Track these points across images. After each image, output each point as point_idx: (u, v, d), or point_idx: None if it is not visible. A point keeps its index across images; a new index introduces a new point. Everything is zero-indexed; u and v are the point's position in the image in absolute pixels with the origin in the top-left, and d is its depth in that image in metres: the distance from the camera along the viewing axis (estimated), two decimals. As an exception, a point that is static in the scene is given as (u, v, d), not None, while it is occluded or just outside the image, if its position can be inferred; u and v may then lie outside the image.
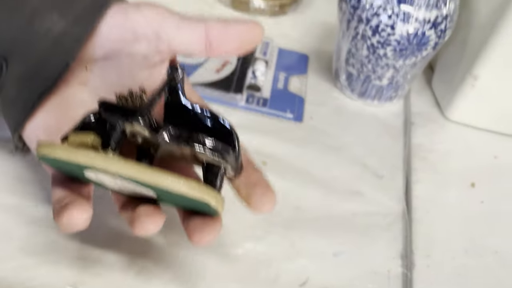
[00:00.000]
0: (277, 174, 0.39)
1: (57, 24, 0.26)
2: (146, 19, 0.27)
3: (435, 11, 0.41)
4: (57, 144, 0.24)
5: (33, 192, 0.34)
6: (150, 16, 0.27)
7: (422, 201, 0.40)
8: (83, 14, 0.27)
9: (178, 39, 0.28)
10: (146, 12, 0.27)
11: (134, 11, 0.27)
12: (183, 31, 0.28)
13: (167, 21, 0.27)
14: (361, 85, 0.48)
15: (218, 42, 0.28)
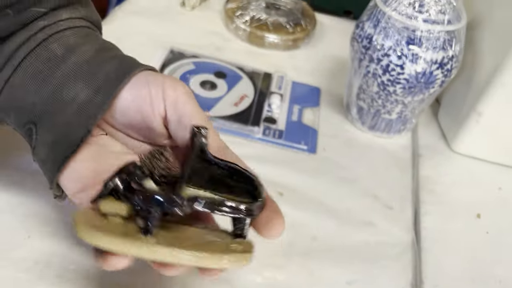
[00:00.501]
0: (293, 204, 0.42)
1: (81, 92, 0.28)
2: (165, 101, 0.29)
3: (442, 52, 0.44)
4: (97, 231, 0.25)
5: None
6: (170, 99, 0.29)
7: (430, 231, 0.42)
8: (106, 83, 0.28)
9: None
10: (168, 92, 0.29)
11: (155, 83, 0.29)
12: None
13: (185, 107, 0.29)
14: (371, 119, 0.50)
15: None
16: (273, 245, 0.39)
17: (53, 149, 0.28)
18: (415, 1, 0.43)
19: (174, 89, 0.29)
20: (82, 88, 0.28)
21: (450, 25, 0.43)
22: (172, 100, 0.29)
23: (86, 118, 0.28)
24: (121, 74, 0.29)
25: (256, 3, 0.63)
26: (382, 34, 0.44)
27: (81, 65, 0.29)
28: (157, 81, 0.29)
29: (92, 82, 0.28)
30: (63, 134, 0.28)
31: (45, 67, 0.28)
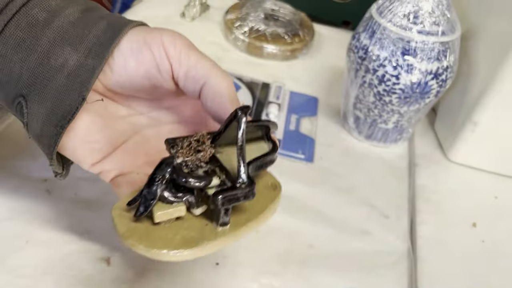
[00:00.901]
0: (290, 213, 0.42)
1: (70, 58, 0.26)
2: (170, 60, 0.28)
3: (437, 63, 0.44)
4: (182, 248, 0.25)
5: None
6: (174, 57, 0.28)
7: (426, 240, 0.42)
8: (96, 45, 0.27)
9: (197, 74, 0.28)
10: (170, 51, 0.28)
11: (154, 42, 0.28)
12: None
13: (190, 56, 0.28)
14: (368, 128, 0.51)
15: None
16: (270, 252, 0.39)
17: (47, 122, 0.27)
18: (409, 12, 0.43)
19: (174, 46, 0.28)
20: (71, 52, 0.26)
21: (444, 36, 0.44)
22: (176, 58, 0.28)
23: (78, 84, 0.26)
24: (111, 35, 0.27)
25: (255, 14, 0.64)
26: (378, 45, 0.45)
27: (66, 29, 0.27)
28: (155, 40, 0.28)
29: (81, 46, 0.27)
30: (56, 105, 0.26)
31: (28, 35, 0.26)
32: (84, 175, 0.41)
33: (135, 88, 0.29)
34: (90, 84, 0.26)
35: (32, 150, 0.43)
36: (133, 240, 0.25)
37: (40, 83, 0.26)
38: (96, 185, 0.41)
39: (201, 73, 0.28)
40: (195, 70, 0.28)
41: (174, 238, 0.25)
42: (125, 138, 0.31)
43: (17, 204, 0.38)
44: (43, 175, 0.41)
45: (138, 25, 0.29)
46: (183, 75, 0.28)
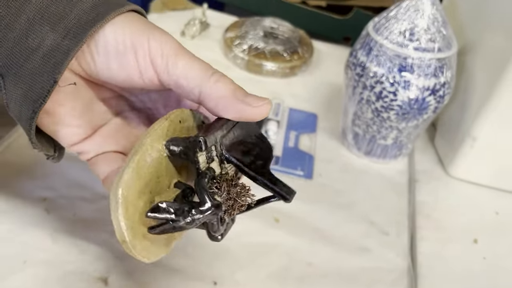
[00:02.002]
0: (289, 230, 0.42)
1: (47, 37, 0.25)
2: (156, 69, 0.26)
3: (434, 79, 0.45)
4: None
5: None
6: (160, 66, 0.26)
7: (426, 257, 0.42)
8: (75, 26, 0.25)
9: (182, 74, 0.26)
10: (156, 60, 0.26)
11: (140, 47, 0.26)
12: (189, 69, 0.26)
13: (178, 58, 0.26)
14: (367, 144, 0.51)
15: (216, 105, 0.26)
16: (268, 270, 0.39)
17: (24, 104, 0.26)
18: (405, 30, 0.44)
19: (161, 54, 0.26)
20: (48, 32, 0.25)
21: (441, 53, 0.44)
22: (163, 68, 0.26)
23: (52, 66, 0.25)
24: (93, 17, 0.25)
25: (254, 32, 0.65)
26: (375, 61, 0.45)
27: (47, 6, 0.25)
28: (142, 45, 0.26)
29: (60, 25, 0.25)
30: (30, 87, 0.25)
31: (7, 12, 0.25)
32: (83, 195, 0.42)
33: (117, 85, 0.29)
34: (63, 66, 0.25)
35: (31, 170, 0.43)
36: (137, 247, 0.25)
37: (17, 63, 0.25)
38: (95, 205, 0.41)
39: (193, 83, 0.26)
40: (185, 80, 0.26)
41: (160, 243, 0.26)
42: (106, 120, 0.31)
43: (16, 224, 0.38)
44: (42, 195, 0.41)
45: (127, 11, 0.27)
46: (173, 84, 0.26)
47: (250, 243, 0.41)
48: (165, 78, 0.26)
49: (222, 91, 0.26)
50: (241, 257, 0.39)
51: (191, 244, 0.39)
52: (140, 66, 0.26)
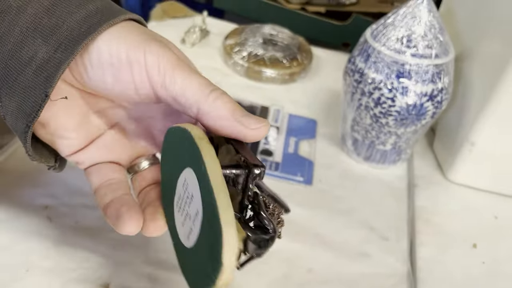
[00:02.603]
0: (289, 237, 0.43)
1: (40, 50, 0.24)
2: (153, 86, 0.25)
3: (431, 85, 0.45)
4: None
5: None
6: (157, 82, 0.25)
7: (426, 262, 0.42)
8: (67, 39, 0.24)
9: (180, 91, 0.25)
10: (153, 76, 0.25)
11: (136, 62, 0.25)
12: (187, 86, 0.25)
13: (174, 72, 0.25)
14: (366, 150, 0.51)
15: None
16: (269, 277, 0.39)
17: (18, 118, 0.26)
18: (403, 36, 0.44)
19: (158, 69, 0.25)
20: (41, 44, 0.24)
21: (438, 59, 0.44)
22: (161, 83, 0.25)
23: (44, 80, 0.24)
24: (86, 29, 0.24)
25: (254, 39, 0.65)
26: (373, 68, 0.46)
27: (40, 17, 0.24)
28: (138, 59, 0.25)
29: (53, 37, 0.24)
30: (23, 101, 0.25)
31: (1, 24, 0.24)
32: (85, 202, 0.42)
33: (112, 98, 0.28)
34: (55, 80, 0.24)
35: (33, 178, 0.44)
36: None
37: (11, 76, 0.25)
38: (97, 213, 0.41)
39: (191, 100, 0.25)
40: (184, 98, 0.25)
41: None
42: (102, 131, 0.31)
43: (18, 232, 0.39)
44: (44, 202, 0.41)
45: (121, 21, 0.26)
46: (171, 100, 0.26)
47: (251, 249, 0.41)
48: (163, 94, 0.26)
49: (220, 111, 0.25)
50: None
51: (192, 251, 0.40)
52: (135, 82, 0.25)
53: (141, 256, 0.39)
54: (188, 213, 0.24)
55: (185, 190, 0.24)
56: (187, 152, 0.24)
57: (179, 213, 0.26)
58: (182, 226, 0.25)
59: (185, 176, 0.24)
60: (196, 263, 0.24)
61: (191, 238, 0.24)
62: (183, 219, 0.25)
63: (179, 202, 0.26)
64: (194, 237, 0.24)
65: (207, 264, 0.22)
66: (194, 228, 0.24)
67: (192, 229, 0.24)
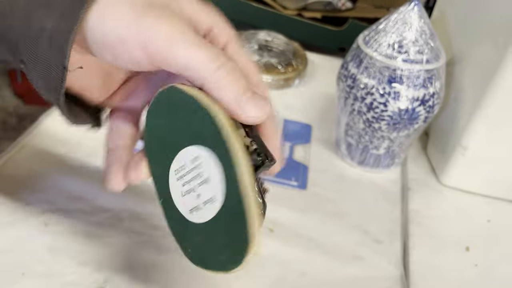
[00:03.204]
0: (283, 241, 0.43)
1: (46, 21, 0.24)
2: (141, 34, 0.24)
3: (423, 90, 0.45)
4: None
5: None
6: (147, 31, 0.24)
7: (419, 265, 0.42)
8: (68, 7, 0.24)
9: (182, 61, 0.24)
10: (142, 36, 0.24)
11: (128, 30, 0.24)
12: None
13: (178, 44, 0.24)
14: (360, 154, 0.52)
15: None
16: (262, 281, 0.39)
17: (47, 90, 0.26)
18: (394, 42, 0.45)
19: (155, 48, 0.24)
20: (46, 15, 0.24)
21: (429, 64, 0.45)
22: (160, 61, 0.24)
23: (57, 51, 0.24)
24: None
25: (249, 45, 0.66)
26: (365, 73, 0.46)
27: None
28: (132, 36, 0.24)
29: (53, 7, 0.24)
30: (46, 76, 0.25)
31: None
32: (82, 207, 0.43)
33: (120, 65, 0.27)
34: (67, 51, 0.24)
35: (31, 183, 0.44)
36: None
37: (32, 50, 0.25)
38: (93, 218, 0.42)
39: (195, 76, 0.24)
40: (187, 72, 0.24)
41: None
42: (121, 83, 0.32)
43: (14, 237, 0.39)
44: (41, 208, 0.42)
45: None
46: (176, 71, 0.25)
47: (245, 253, 0.41)
48: (167, 68, 0.25)
49: (224, 91, 0.24)
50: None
51: (187, 255, 0.40)
52: (135, 58, 0.25)
53: (137, 261, 0.39)
54: (196, 191, 0.25)
55: (195, 167, 0.25)
56: (205, 129, 0.24)
57: (179, 182, 0.26)
58: (181, 196, 0.26)
59: (198, 153, 0.24)
60: (205, 239, 0.25)
61: (196, 216, 0.25)
62: (184, 191, 0.26)
63: (181, 172, 0.26)
64: (201, 217, 0.25)
65: (223, 248, 0.24)
66: (204, 210, 0.25)
67: (199, 209, 0.25)
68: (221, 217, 0.24)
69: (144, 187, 0.45)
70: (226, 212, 0.24)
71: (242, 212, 0.22)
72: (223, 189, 0.23)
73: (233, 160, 0.22)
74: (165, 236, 0.41)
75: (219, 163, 0.23)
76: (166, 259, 0.40)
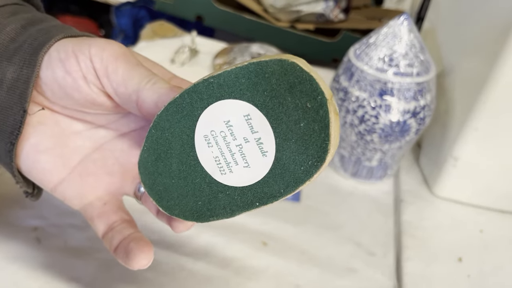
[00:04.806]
0: (277, 254, 0.43)
1: (8, 71, 0.26)
2: (98, 74, 0.26)
3: (414, 102, 0.46)
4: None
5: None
6: (100, 70, 0.25)
7: (412, 277, 0.43)
8: (28, 54, 0.26)
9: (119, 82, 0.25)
10: (96, 64, 0.25)
11: (81, 53, 0.25)
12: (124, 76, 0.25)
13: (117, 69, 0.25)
14: (352, 166, 0.52)
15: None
16: (256, 295, 0.39)
17: (1, 139, 0.26)
18: (384, 56, 0.45)
19: (101, 58, 0.25)
20: (7, 66, 0.26)
21: (419, 77, 0.45)
22: (103, 72, 0.25)
23: (18, 97, 0.25)
24: (41, 41, 0.26)
25: (242, 58, 0.66)
26: (356, 86, 0.47)
27: (6, 46, 0.26)
28: (83, 50, 0.26)
29: (16, 57, 0.26)
30: (3, 121, 0.26)
31: None
32: (74, 223, 0.43)
33: (71, 100, 0.27)
34: (28, 95, 0.25)
35: (22, 199, 0.44)
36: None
37: None
38: (86, 233, 0.42)
39: (130, 89, 0.25)
40: (124, 87, 0.25)
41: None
42: (82, 156, 0.29)
43: (7, 253, 0.39)
44: (33, 224, 0.42)
45: (73, 36, 0.27)
46: (113, 92, 0.26)
47: (239, 267, 0.41)
48: (106, 83, 0.26)
49: (159, 91, 0.24)
50: (231, 282, 0.40)
51: (183, 270, 0.40)
52: (82, 69, 0.26)
53: (130, 277, 0.39)
54: (249, 147, 0.23)
55: (249, 126, 0.23)
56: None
57: (212, 148, 0.24)
58: (214, 160, 0.24)
59: (246, 111, 0.23)
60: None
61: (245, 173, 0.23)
62: (220, 153, 0.24)
63: (216, 138, 0.24)
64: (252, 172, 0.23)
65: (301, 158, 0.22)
66: (254, 161, 0.23)
67: (247, 163, 0.23)
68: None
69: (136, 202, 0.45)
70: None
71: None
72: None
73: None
74: (159, 251, 0.41)
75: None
76: (160, 274, 0.40)
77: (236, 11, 0.85)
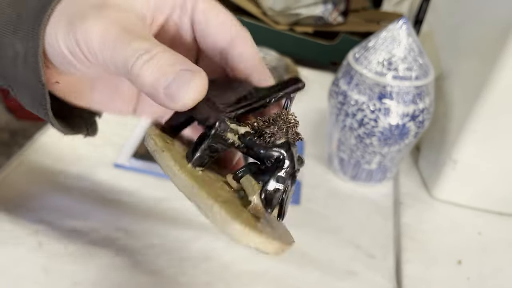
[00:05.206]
0: (277, 257, 0.43)
1: (16, 43, 0.25)
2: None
3: (413, 105, 0.46)
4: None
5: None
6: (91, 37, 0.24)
7: (411, 279, 0.43)
8: (30, 26, 0.25)
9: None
10: (78, 36, 0.24)
11: (68, 37, 0.24)
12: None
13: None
14: (352, 169, 0.52)
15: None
16: (257, 298, 0.40)
17: (36, 108, 0.27)
18: (384, 60, 0.46)
19: (86, 47, 0.24)
20: (12, 39, 0.25)
21: (418, 81, 0.46)
22: (91, 56, 0.25)
23: (33, 72, 0.25)
24: (36, 13, 0.25)
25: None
26: (355, 90, 0.47)
27: (3, 10, 0.25)
28: (71, 42, 0.24)
29: (20, 30, 0.25)
30: (31, 94, 0.26)
31: None
32: (75, 226, 0.43)
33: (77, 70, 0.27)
34: (40, 68, 0.25)
35: (24, 203, 0.44)
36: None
37: (13, 75, 0.26)
38: (87, 237, 0.42)
39: (121, 70, 0.24)
40: (114, 67, 0.24)
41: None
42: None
43: (9, 257, 0.39)
44: (34, 227, 0.42)
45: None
46: (104, 68, 0.25)
47: (240, 271, 0.41)
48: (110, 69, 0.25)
49: (145, 79, 0.23)
50: (232, 286, 0.40)
51: (185, 275, 0.40)
52: (81, 61, 0.25)
53: (132, 280, 0.39)
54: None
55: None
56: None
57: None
58: None
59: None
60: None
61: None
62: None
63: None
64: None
65: None
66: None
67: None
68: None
69: (138, 205, 0.46)
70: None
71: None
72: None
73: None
74: (160, 255, 0.41)
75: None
76: (161, 278, 0.40)
77: (234, 13, 0.86)
